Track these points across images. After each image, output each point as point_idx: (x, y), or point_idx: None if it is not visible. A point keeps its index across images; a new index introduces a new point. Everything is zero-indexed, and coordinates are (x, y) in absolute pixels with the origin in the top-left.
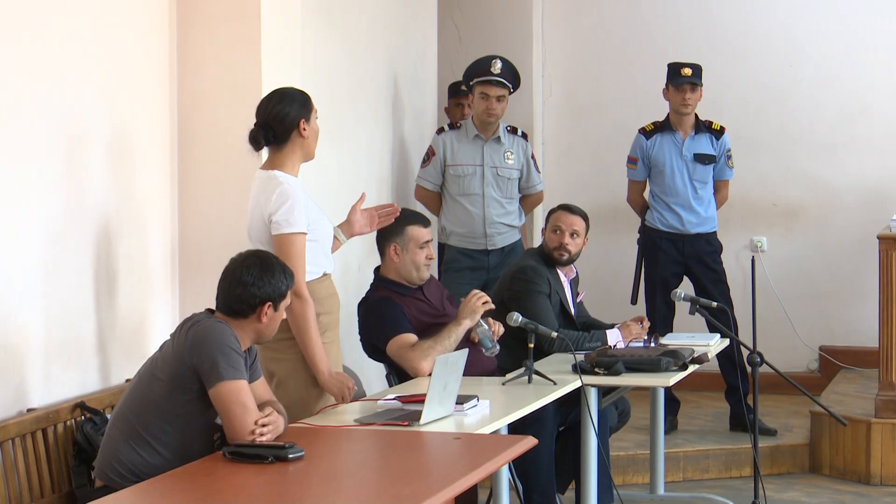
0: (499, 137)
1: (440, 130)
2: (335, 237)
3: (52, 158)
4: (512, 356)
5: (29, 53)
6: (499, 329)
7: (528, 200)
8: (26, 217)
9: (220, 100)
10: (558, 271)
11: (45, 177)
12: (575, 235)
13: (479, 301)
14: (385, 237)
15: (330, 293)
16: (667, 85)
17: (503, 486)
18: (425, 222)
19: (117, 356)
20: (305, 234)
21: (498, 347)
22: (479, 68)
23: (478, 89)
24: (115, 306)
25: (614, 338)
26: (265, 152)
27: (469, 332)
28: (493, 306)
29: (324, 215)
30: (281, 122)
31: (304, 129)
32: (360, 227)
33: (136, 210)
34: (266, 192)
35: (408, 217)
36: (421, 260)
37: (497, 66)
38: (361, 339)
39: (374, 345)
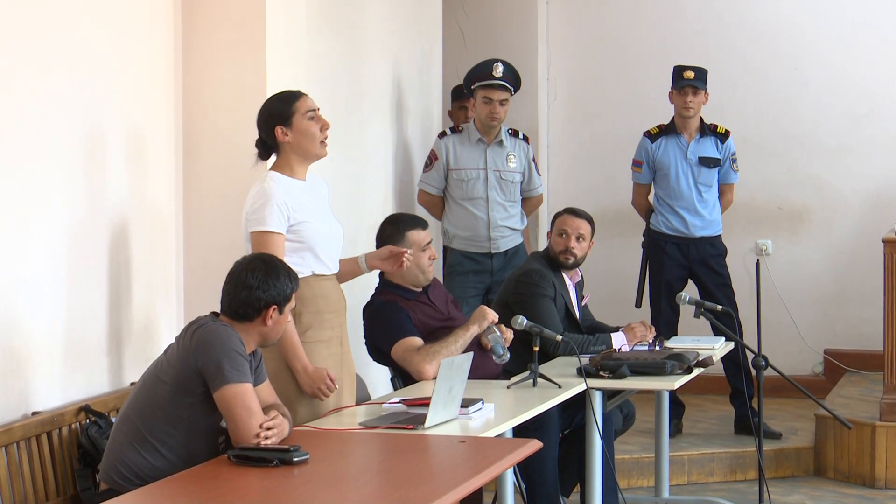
0: (501, 140)
1: (442, 134)
2: (358, 265)
3: (59, 163)
4: (517, 360)
5: (39, 58)
6: (510, 336)
7: (528, 203)
8: (29, 221)
9: (224, 103)
10: (563, 275)
11: (51, 181)
12: (580, 239)
13: (490, 312)
14: (387, 245)
15: (317, 294)
16: (671, 88)
17: (508, 489)
18: (424, 225)
19: (122, 359)
20: (277, 233)
21: (508, 355)
22: (481, 72)
23: (480, 93)
24: (120, 309)
25: (619, 341)
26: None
27: (479, 337)
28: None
29: (319, 217)
30: (262, 130)
31: (286, 135)
32: (381, 265)
33: (142, 213)
34: (251, 191)
35: (406, 222)
36: (425, 262)
37: (499, 70)
38: (366, 343)
39: (378, 348)
